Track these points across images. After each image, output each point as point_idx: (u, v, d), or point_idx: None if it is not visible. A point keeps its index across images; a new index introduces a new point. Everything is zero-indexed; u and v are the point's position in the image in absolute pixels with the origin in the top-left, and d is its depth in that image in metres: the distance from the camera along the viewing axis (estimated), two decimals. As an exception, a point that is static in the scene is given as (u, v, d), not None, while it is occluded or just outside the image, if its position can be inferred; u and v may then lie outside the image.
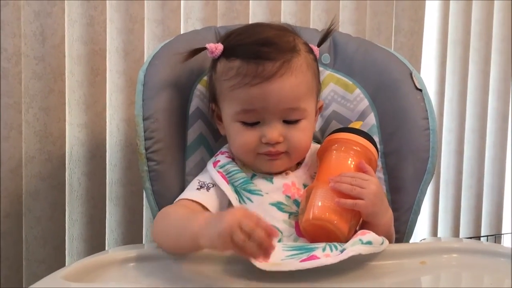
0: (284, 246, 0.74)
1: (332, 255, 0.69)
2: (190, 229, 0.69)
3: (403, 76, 0.97)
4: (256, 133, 0.83)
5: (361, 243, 0.71)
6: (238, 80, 0.81)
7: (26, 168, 1.11)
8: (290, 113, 0.83)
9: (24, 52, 1.08)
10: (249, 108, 0.82)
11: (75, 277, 0.66)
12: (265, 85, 0.80)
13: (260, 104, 0.81)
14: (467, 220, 1.73)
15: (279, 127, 0.82)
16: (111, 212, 1.22)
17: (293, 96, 0.82)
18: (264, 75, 0.80)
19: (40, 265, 1.13)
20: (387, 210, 0.83)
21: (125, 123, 1.20)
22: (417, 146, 0.93)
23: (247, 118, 0.83)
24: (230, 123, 0.85)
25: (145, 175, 0.88)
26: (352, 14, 1.43)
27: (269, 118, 0.82)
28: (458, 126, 1.66)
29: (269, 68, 0.80)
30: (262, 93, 0.80)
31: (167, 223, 0.78)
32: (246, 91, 0.81)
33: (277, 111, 0.82)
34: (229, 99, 0.84)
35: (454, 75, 1.64)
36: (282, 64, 0.81)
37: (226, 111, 0.85)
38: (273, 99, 0.81)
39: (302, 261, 0.68)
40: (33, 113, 1.10)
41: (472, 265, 0.77)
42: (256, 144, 0.83)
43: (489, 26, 1.67)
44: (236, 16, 1.29)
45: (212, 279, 0.70)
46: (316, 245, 0.73)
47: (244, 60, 0.81)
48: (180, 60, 0.88)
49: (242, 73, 0.81)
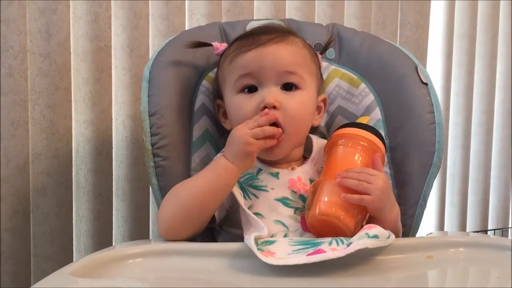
0: (291, 241, 0.74)
1: (339, 249, 0.69)
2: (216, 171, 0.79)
3: (408, 70, 0.97)
4: (254, 101, 0.83)
5: (367, 237, 0.70)
6: (236, 51, 0.85)
7: (33, 165, 1.11)
8: (287, 76, 0.84)
9: (29, 49, 1.09)
10: (245, 72, 0.83)
11: (83, 272, 0.66)
12: (260, 49, 0.83)
13: (255, 65, 0.83)
14: (474, 214, 1.73)
15: (276, 91, 0.83)
16: (117, 208, 1.23)
17: (289, 60, 0.84)
18: (259, 43, 0.84)
19: (48, 261, 1.14)
20: (393, 205, 0.83)
21: (130, 120, 1.21)
22: (423, 140, 0.93)
23: (245, 83, 0.84)
24: (231, 99, 0.86)
25: (151, 171, 0.88)
26: (357, 8, 1.42)
27: (266, 82, 0.83)
28: (464, 120, 1.65)
29: (265, 38, 0.84)
30: (257, 55, 0.83)
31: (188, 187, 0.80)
32: (241, 57, 0.84)
33: (273, 73, 0.83)
34: (228, 73, 0.86)
35: (460, 68, 1.63)
36: (277, 35, 0.85)
37: (227, 89, 0.86)
38: (268, 61, 0.83)
39: (309, 255, 0.68)
40: (39, 110, 1.11)
41: (479, 259, 0.76)
42: (253, 112, 0.82)
43: (495, 19, 1.66)
44: (240, 11, 1.29)
45: (219, 274, 0.70)
46: (323, 240, 0.73)
47: (243, 38, 0.86)
48: (185, 46, 0.91)
49: (239, 47, 0.85)
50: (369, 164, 0.83)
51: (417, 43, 1.49)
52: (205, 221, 0.80)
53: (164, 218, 0.79)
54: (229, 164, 0.79)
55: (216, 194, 0.79)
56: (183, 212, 0.78)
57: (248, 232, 0.76)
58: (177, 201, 0.80)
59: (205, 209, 0.80)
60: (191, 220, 0.79)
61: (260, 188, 0.84)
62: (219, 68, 0.90)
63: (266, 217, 0.82)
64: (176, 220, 0.78)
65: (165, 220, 0.79)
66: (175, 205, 0.79)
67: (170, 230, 0.79)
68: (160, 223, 0.80)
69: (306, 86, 0.85)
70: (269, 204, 0.82)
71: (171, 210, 0.79)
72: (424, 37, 1.51)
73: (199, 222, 0.80)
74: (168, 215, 0.79)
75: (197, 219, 0.79)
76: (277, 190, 0.84)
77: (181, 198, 0.79)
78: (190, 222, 0.79)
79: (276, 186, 0.84)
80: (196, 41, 0.92)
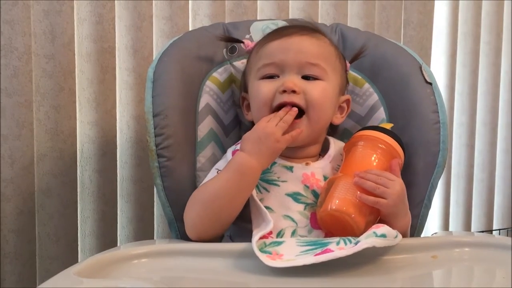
0: (298, 241, 0.74)
1: (346, 248, 0.69)
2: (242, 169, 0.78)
3: (412, 69, 0.97)
4: (274, 84, 0.84)
5: (375, 235, 0.70)
6: (262, 42, 0.87)
7: (38, 166, 1.12)
8: (309, 67, 0.85)
9: (34, 51, 1.09)
10: (269, 62, 0.85)
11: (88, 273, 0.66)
12: (285, 39, 0.86)
13: (279, 56, 0.84)
14: (479, 214, 1.72)
15: (296, 79, 0.84)
16: (122, 208, 1.23)
17: (312, 51, 0.86)
18: (285, 33, 0.87)
19: (53, 261, 1.14)
20: (406, 213, 0.83)
21: (135, 120, 1.21)
22: (427, 139, 0.92)
23: (267, 72, 0.85)
24: (253, 85, 0.87)
25: (156, 171, 0.88)
26: (361, 8, 1.42)
27: (288, 71, 0.84)
28: (469, 120, 1.65)
29: (292, 30, 0.87)
30: (282, 45, 0.85)
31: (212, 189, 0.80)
32: (267, 46, 0.87)
33: (295, 63, 0.84)
34: (253, 64, 0.88)
35: (465, 68, 1.63)
36: (304, 29, 0.88)
37: (251, 78, 0.88)
38: (292, 51, 0.84)
39: (316, 255, 0.68)
40: (44, 111, 1.11)
41: (484, 259, 0.76)
42: (272, 94, 0.84)
43: (500, 18, 1.66)
44: (244, 12, 1.29)
45: (224, 274, 0.70)
46: (330, 240, 0.73)
47: (271, 34, 0.90)
48: (218, 38, 0.95)
49: (266, 38, 0.89)
50: (386, 168, 0.83)
51: (421, 42, 1.49)
52: (232, 220, 0.80)
53: (192, 222, 0.80)
54: (254, 163, 0.79)
55: (242, 194, 0.80)
56: (210, 214, 0.79)
57: (257, 226, 0.76)
58: (202, 204, 0.80)
59: (232, 210, 0.80)
60: (218, 221, 0.79)
61: (272, 182, 0.84)
62: (248, 62, 0.92)
63: (275, 211, 0.82)
64: (203, 223, 0.79)
65: (192, 224, 0.80)
66: (201, 208, 0.79)
67: (199, 233, 0.79)
68: (188, 227, 0.80)
69: (328, 79, 0.86)
70: (279, 198, 0.82)
71: (198, 213, 0.79)
72: (428, 36, 1.50)
73: (226, 222, 0.80)
74: (195, 218, 0.79)
75: (224, 219, 0.80)
76: (290, 184, 0.84)
77: (206, 201, 0.79)
78: (218, 223, 0.80)
79: (289, 179, 0.84)
80: (228, 36, 0.94)
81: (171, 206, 0.88)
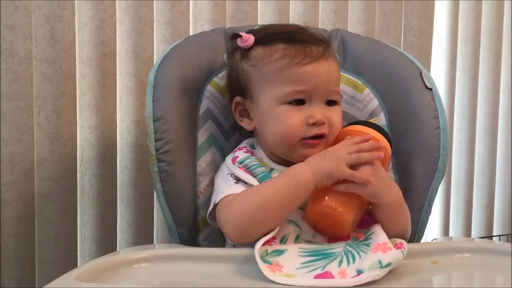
0: (300, 250, 0.74)
1: (348, 274, 0.68)
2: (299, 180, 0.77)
3: (412, 75, 0.97)
4: (303, 114, 0.83)
5: (380, 266, 0.68)
6: (287, 60, 0.83)
7: (38, 170, 1.12)
8: (333, 94, 0.86)
9: (35, 55, 1.09)
10: (301, 89, 0.83)
11: (87, 277, 0.66)
12: (315, 65, 0.83)
13: (312, 83, 0.83)
14: (479, 219, 1.72)
15: (323, 108, 0.84)
16: (122, 213, 1.23)
17: (336, 78, 0.87)
18: (313, 55, 0.83)
19: (53, 266, 1.14)
20: (389, 187, 0.81)
21: (135, 125, 1.21)
22: (427, 145, 0.93)
23: (296, 97, 0.83)
24: (273, 107, 0.84)
25: (156, 176, 0.88)
26: (361, 14, 1.42)
27: (316, 99, 0.84)
28: (469, 125, 1.65)
29: (316, 50, 0.84)
30: (314, 72, 0.83)
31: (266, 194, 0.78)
32: (298, 70, 0.83)
33: (324, 91, 0.84)
34: (275, 81, 0.83)
35: (465, 73, 1.63)
36: (325, 49, 0.86)
37: (269, 95, 0.84)
38: (323, 79, 0.83)
39: (316, 277, 0.68)
40: (44, 116, 1.11)
41: (484, 265, 0.76)
42: (301, 126, 0.83)
43: (499, 23, 1.66)
44: (244, 17, 1.29)
45: (225, 279, 0.70)
46: (334, 250, 0.73)
47: (288, 43, 0.84)
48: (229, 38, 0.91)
49: (290, 54, 0.83)
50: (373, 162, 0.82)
51: (421, 48, 1.49)
52: (276, 226, 0.78)
53: (237, 223, 0.77)
54: (309, 176, 0.77)
55: (293, 203, 0.78)
56: (259, 218, 0.77)
57: None
58: (252, 206, 0.77)
59: (279, 218, 0.78)
60: (264, 227, 0.77)
61: None
62: (251, 66, 0.86)
63: None
64: (249, 226, 0.77)
65: (238, 226, 0.77)
66: (250, 211, 0.77)
67: (242, 235, 0.77)
68: (230, 228, 0.78)
69: (341, 100, 0.88)
70: None
71: (246, 215, 0.77)
72: (428, 42, 1.51)
73: (269, 229, 0.77)
74: (242, 220, 0.77)
75: (269, 226, 0.77)
76: None
77: (257, 204, 0.77)
78: (263, 229, 0.76)
79: None
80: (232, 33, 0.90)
81: (171, 211, 0.88)
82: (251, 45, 0.87)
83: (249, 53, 0.87)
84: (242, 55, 0.88)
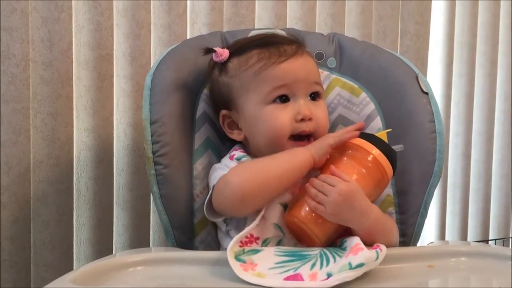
0: (277, 250, 0.75)
1: (318, 277, 0.68)
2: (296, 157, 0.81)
3: (409, 79, 0.97)
4: (289, 112, 0.85)
5: (349, 267, 0.68)
6: (264, 62, 0.86)
7: (34, 172, 1.11)
8: (315, 86, 0.88)
9: (32, 58, 1.09)
10: (280, 84, 0.85)
11: (83, 281, 0.66)
12: (291, 61, 0.86)
13: (291, 77, 0.85)
14: (475, 223, 1.72)
15: (308, 103, 0.86)
16: (118, 216, 1.22)
17: (315, 70, 0.90)
18: (288, 53, 0.86)
19: (48, 269, 1.13)
20: (364, 215, 0.78)
21: (132, 128, 1.21)
22: (423, 149, 0.93)
23: (278, 94, 0.85)
24: (260, 110, 0.86)
25: (153, 179, 0.88)
26: (358, 18, 1.43)
27: (299, 93, 0.86)
28: (465, 129, 1.65)
29: (289, 48, 0.87)
30: (291, 67, 0.85)
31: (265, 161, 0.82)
32: (275, 69, 0.85)
33: (306, 84, 0.86)
34: (255, 84, 0.86)
35: (461, 78, 1.63)
36: (299, 47, 0.89)
37: (252, 99, 0.86)
38: (301, 72, 0.86)
39: (286, 279, 0.68)
40: (41, 118, 1.11)
41: (480, 268, 0.76)
42: (290, 122, 0.85)
43: (496, 28, 1.67)
44: (242, 21, 1.29)
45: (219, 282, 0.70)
46: (310, 252, 0.73)
47: (262, 47, 0.87)
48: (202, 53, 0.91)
49: (265, 56, 0.86)
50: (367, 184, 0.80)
51: (417, 52, 1.50)
52: (274, 196, 0.81)
53: (242, 181, 0.78)
54: (305, 150, 0.82)
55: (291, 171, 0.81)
56: (261, 179, 0.79)
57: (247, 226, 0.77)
58: (254, 170, 0.81)
59: (277, 184, 0.80)
60: (266, 190, 0.80)
61: None
62: (231, 77, 0.88)
63: (266, 218, 0.81)
64: (252, 187, 0.78)
65: (242, 183, 0.78)
66: (254, 173, 0.80)
67: (245, 193, 0.78)
68: (234, 186, 0.78)
69: (323, 96, 0.90)
70: (272, 206, 0.82)
71: (250, 175, 0.80)
72: (424, 46, 1.51)
73: (270, 195, 0.80)
74: (246, 180, 0.79)
75: (271, 190, 0.80)
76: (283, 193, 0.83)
77: (257, 168, 0.81)
78: (265, 191, 0.79)
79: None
80: (205, 48, 0.91)
81: (168, 214, 0.88)
82: (226, 58, 0.89)
83: (226, 66, 0.89)
84: (220, 70, 0.90)
